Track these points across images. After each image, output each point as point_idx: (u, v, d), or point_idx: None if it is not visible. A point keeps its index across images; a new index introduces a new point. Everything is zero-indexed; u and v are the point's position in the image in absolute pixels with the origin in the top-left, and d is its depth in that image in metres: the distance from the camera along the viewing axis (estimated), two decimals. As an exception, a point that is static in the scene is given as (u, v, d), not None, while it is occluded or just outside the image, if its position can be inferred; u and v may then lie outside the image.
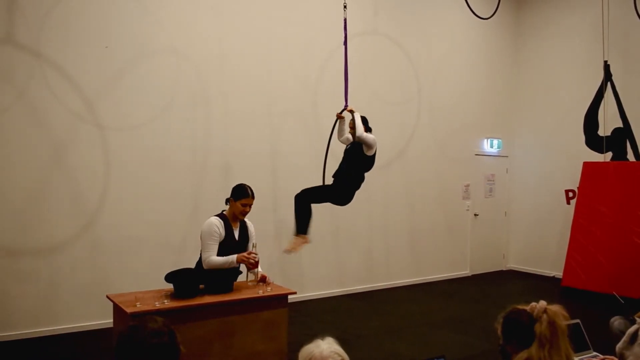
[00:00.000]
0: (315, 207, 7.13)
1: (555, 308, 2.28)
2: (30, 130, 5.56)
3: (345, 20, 5.60)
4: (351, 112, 5.45)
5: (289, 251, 5.44)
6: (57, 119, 5.71)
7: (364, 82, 7.69)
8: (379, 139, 5.31)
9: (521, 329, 2.27)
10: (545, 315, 2.24)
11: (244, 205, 4.37)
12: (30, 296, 5.54)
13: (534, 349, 2.22)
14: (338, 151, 5.71)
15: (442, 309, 7.23)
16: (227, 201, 4.45)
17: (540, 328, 2.22)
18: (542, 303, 2.30)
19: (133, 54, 6.16)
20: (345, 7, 5.64)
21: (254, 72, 7.04)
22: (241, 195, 4.38)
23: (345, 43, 5.61)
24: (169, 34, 6.40)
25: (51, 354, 5.16)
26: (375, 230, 8.34)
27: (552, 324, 2.23)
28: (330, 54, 6.21)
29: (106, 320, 5.36)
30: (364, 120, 5.40)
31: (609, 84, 8.06)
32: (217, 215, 4.41)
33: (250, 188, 4.43)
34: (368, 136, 5.30)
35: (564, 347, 2.25)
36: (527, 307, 2.32)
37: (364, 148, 5.34)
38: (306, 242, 5.40)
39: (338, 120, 5.66)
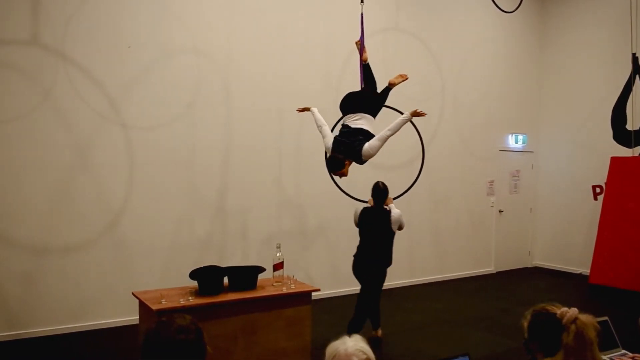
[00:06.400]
0: (338, 205, 7.12)
1: (585, 318, 2.15)
2: (55, 130, 5.65)
3: (362, 15, 5.55)
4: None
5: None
6: (81, 118, 5.80)
7: (387, 78, 7.64)
8: (401, 136, 5.30)
9: (547, 333, 2.19)
10: (573, 326, 2.11)
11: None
12: (57, 293, 5.64)
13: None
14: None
15: (466, 306, 7.17)
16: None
17: (567, 339, 2.10)
18: (574, 311, 2.16)
19: (156, 53, 6.22)
20: (362, 1, 5.61)
21: (276, 70, 7.04)
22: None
23: (361, 38, 5.55)
24: (191, 33, 6.44)
25: (77, 350, 5.24)
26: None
27: (580, 335, 2.10)
28: (352, 51, 6.20)
29: (132, 317, 5.44)
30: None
31: (637, 77, 7.89)
32: None
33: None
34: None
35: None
36: (558, 312, 2.19)
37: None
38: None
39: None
